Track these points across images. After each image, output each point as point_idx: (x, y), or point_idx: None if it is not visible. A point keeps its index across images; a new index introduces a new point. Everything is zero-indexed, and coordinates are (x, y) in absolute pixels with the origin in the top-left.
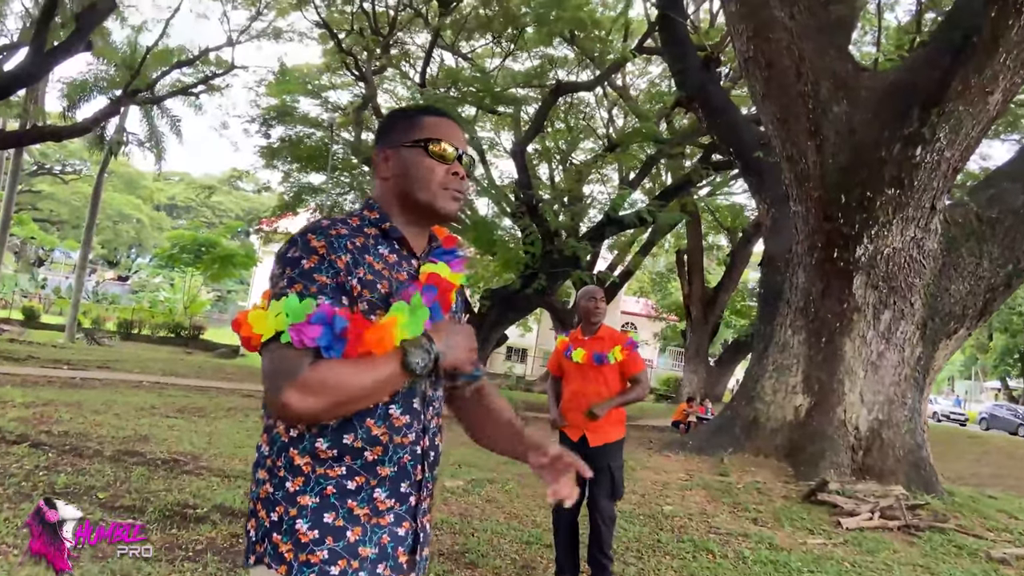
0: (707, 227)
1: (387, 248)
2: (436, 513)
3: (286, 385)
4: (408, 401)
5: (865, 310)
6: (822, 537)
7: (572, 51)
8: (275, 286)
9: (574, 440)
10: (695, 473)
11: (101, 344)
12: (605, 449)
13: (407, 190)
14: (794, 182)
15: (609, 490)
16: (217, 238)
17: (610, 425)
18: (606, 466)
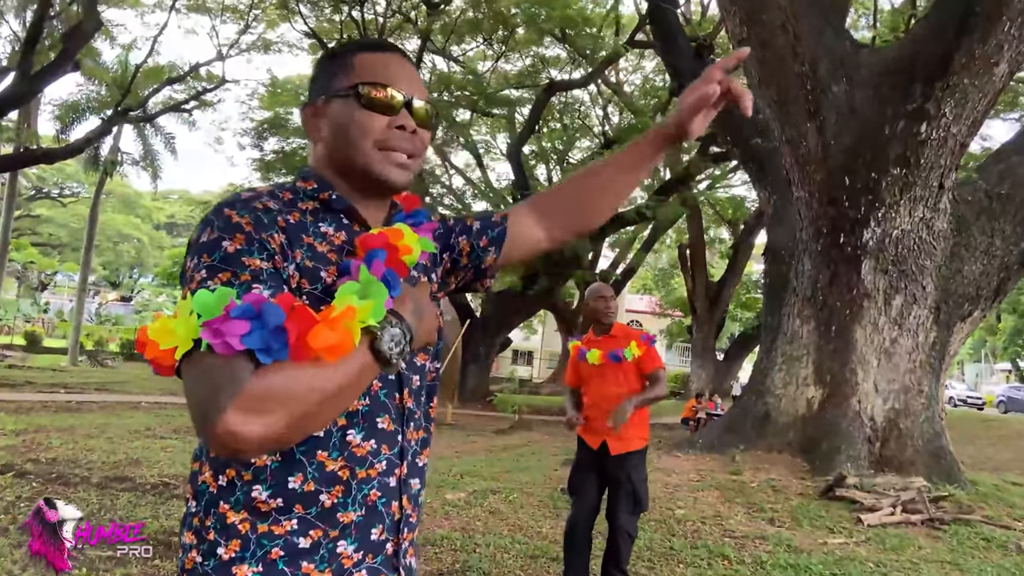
0: (708, 221)
1: (332, 225)
2: (436, 529)
3: (221, 406)
4: (372, 420)
5: (875, 296)
6: (843, 536)
7: (564, 50)
8: (190, 283)
9: (594, 447)
10: (707, 473)
11: (104, 366)
12: (627, 458)
13: (341, 154)
14: (795, 167)
15: (631, 504)
16: None
17: (633, 431)
18: (627, 477)
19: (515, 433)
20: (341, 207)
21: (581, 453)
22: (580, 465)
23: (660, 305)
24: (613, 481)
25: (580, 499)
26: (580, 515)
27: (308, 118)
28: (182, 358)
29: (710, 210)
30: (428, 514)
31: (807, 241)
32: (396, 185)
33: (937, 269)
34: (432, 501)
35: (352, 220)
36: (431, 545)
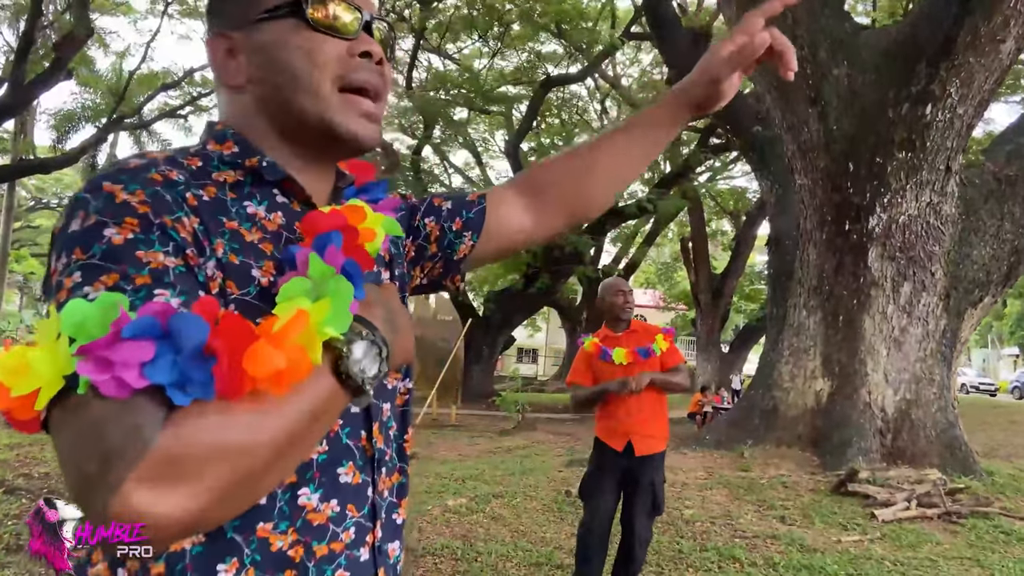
0: (709, 213)
1: (263, 203)
2: (437, 538)
3: (116, 478)
4: (332, 473)
5: (883, 284)
6: (857, 533)
7: (560, 45)
8: (58, 292)
9: (618, 450)
10: (715, 470)
11: None
12: (651, 460)
13: (279, 103)
14: (797, 154)
15: (650, 507)
16: None
17: (659, 432)
18: (649, 480)
19: (519, 434)
20: (275, 178)
21: (601, 457)
22: (599, 470)
23: (663, 299)
24: (633, 484)
25: (596, 506)
26: (596, 523)
27: (219, 56)
28: (50, 406)
29: (711, 202)
30: (428, 522)
31: (811, 230)
32: (364, 143)
33: (946, 255)
34: (433, 508)
35: (290, 196)
36: (430, 555)
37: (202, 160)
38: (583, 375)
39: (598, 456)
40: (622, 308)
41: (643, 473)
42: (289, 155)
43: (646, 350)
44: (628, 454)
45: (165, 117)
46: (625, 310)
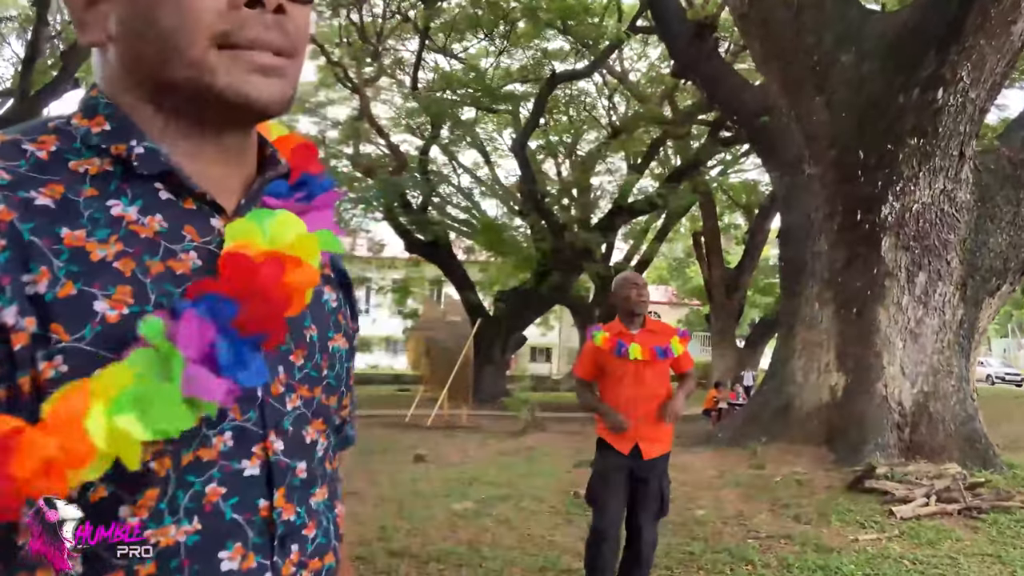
0: (722, 207)
1: (136, 203)
2: (441, 543)
3: None
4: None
5: (898, 274)
6: (874, 531)
7: (566, 41)
8: None
9: (625, 453)
10: (727, 469)
11: None
12: (658, 462)
13: (145, 62)
14: (806, 144)
15: (657, 510)
16: None
17: (666, 434)
18: (657, 483)
19: (528, 435)
20: (155, 171)
21: (607, 460)
22: (606, 473)
23: (676, 295)
24: (641, 487)
25: (606, 511)
26: (606, 529)
27: (78, 4)
28: None
29: (723, 196)
30: (433, 527)
31: (822, 221)
32: (261, 105)
33: (961, 243)
34: (438, 513)
35: (179, 192)
36: (434, 561)
37: (60, 142)
38: (587, 369)
39: (603, 459)
40: (636, 303)
41: (651, 476)
42: (176, 134)
43: (664, 349)
44: (635, 457)
45: None
46: (639, 305)
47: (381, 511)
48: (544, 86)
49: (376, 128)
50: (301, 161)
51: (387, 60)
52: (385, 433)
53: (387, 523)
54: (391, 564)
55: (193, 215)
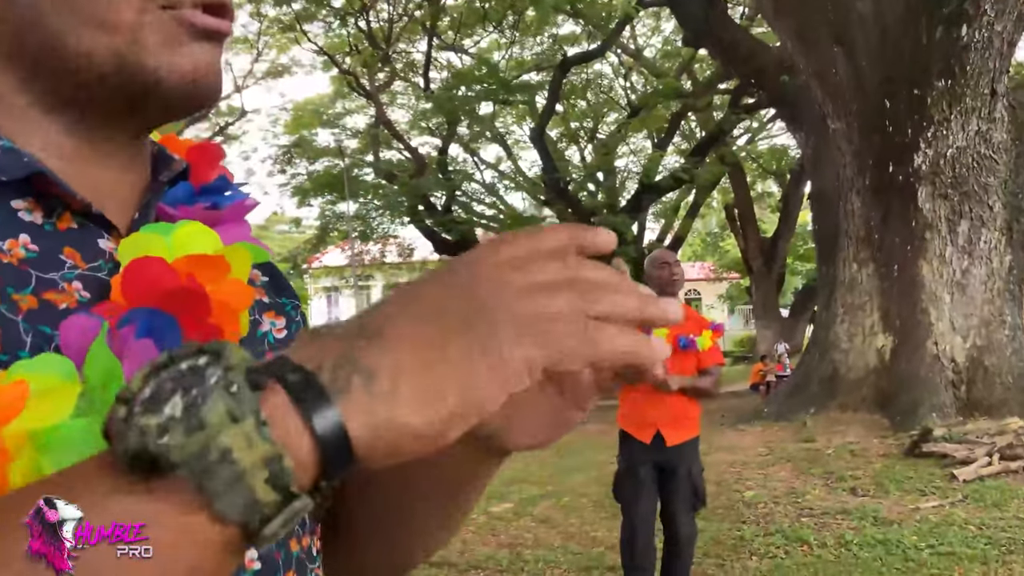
0: (753, 176)
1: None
2: (482, 548)
3: None
4: None
5: (938, 225)
6: (936, 497)
7: (578, 24)
8: None
9: (646, 442)
10: (776, 444)
11: None
12: (684, 449)
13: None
14: (828, 99)
15: (691, 500)
16: None
17: (690, 417)
18: (687, 471)
19: None
20: (15, 175)
21: (630, 452)
22: (631, 467)
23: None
24: (670, 477)
25: (637, 508)
26: (638, 526)
27: None
28: None
29: (753, 164)
30: (473, 531)
31: (852, 178)
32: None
33: (1002, 185)
34: (477, 516)
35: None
36: (474, 568)
37: None
38: None
39: (626, 451)
40: (669, 281)
41: (679, 464)
42: (52, 130)
43: (687, 340)
44: (658, 445)
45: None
46: (673, 283)
47: None
48: (557, 71)
49: (393, 133)
50: (202, 165)
51: (399, 64)
52: None
53: None
54: (430, 574)
55: (73, 235)
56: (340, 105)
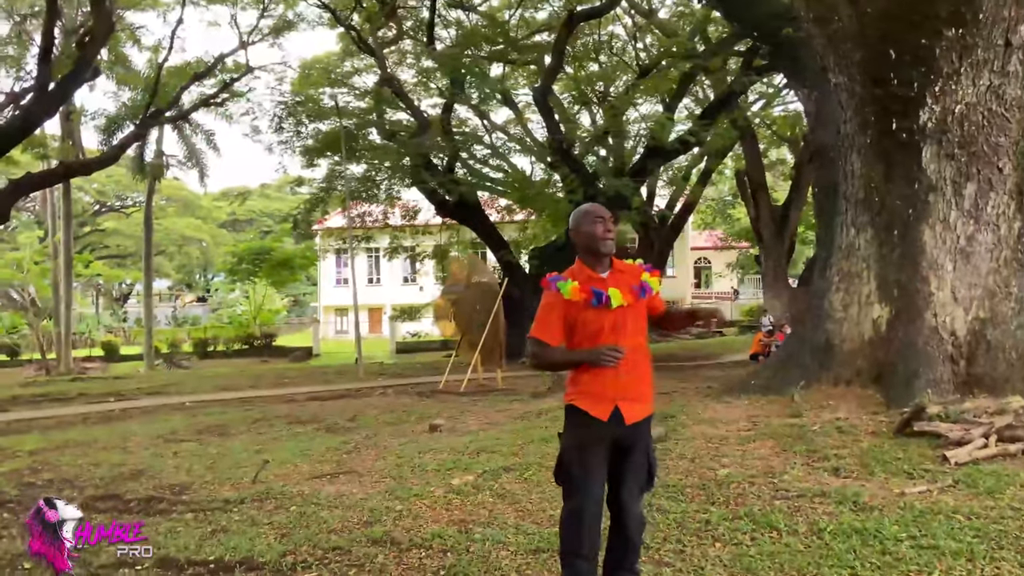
0: (767, 142)
1: None
2: (432, 526)
3: None
4: None
5: (942, 187)
6: (924, 481)
7: None
8: None
9: (603, 419)
10: (761, 419)
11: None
12: (643, 426)
13: None
14: (829, 48)
15: (644, 483)
16: (272, 244)
17: (649, 392)
18: (644, 449)
19: (552, 395)
20: None
21: (582, 430)
22: (583, 445)
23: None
24: (624, 457)
25: (587, 491)
26: (586, 510)
27: None
28: None
29: (767, 131)
30: (427, 507)
31: (853, 134)
32: None
33: (1014, 145)
34: (436, 489)
35: None
36: (416, 547)
37: None
38: (556, 331)
39: (577, 430)
40: (602, 239)
41: (636, 443)
42: None
43: (644, 287)
44: (616, 422)
45: (201, 106)
46: (605, 242)
47: (375, 492)
48: (563, 27)
49: (396, 91)
50: None
51: (409, 23)
52: (412, 402)
53: (377, 505)
54: (368, 553)
55: None
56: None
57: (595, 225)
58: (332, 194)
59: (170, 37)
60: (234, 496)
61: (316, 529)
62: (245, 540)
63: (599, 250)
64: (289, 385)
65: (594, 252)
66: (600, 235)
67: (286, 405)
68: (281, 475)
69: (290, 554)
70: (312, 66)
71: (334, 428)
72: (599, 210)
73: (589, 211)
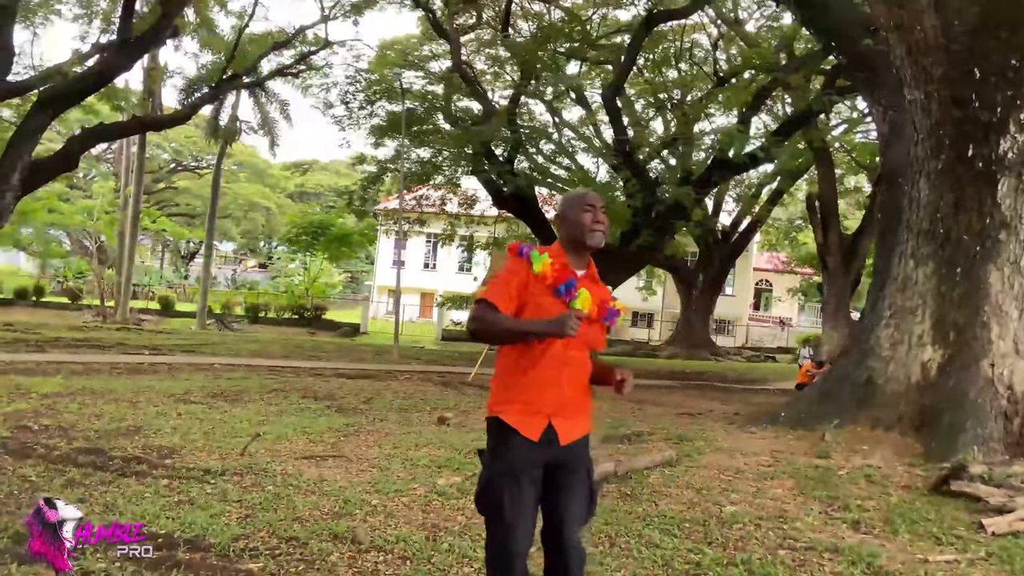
0: (845, 168)
1: None
2: (401, 528)
3: None
4: None
5: (1016, 225)
6: (953, 549)
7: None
8: None
9: (534, 438)
10: (784, 455)
11: (231, 329)
12: (581, 446)
13: None
14: (907, 59)
15: (585, 509)
16: (332, 219)
17: (588, 408)
18: (584, 472)
19: None
20: None
21: (511, 452)
22: (513, 471)
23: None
24: (560, 482)
25: (517, 524)
26: (518, 548)
27: None
28: None
29: (846, 157)
30: (404, 506)
31: (924, 158)
32: None
33: None
34: (419, 487)
35: None
36: (376, 550)
37: None
38: (507, 298)
39: (506, 451)
40: (590, 231)
41: (574, 466)
42: None
43: (614, 312)
44: (549, 442)
45: (277, 75)
46: (594, 234)
47: (357, 481)
48: (640, 26)
49: (464, 78)
50: None
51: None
52: (432, 391)
53: (353, 496)
54: (324, 549)
55: None
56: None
57: (583, 213)
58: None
59: (252, 4)
60: (217, 467)
61: (282, 514)
62: (205, 517)
63: (584, 241)
64: (323, 359)
65: (578, 243)
66: (588, 224)
67: (310, 379)
68: (272, 450)
69: (244, 539)
70: (391, 47)
71: (344, 408)
72: (590, 197)
73: (578, 197)
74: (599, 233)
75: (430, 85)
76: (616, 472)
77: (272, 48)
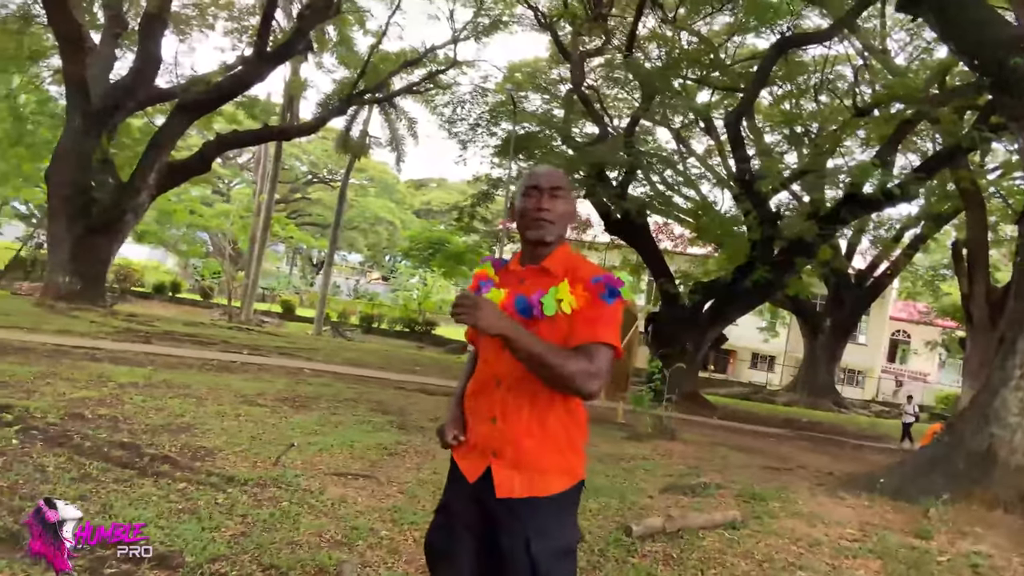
0: (999, 216)
1: None
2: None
3: None
4: None
5: None
6: None
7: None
8: None
9: (470, 480)
10: (875, 529)
11: (344, 337)
12: (521, 508)
13: None
14: None
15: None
16: (448, 235)
17: (548, 456)
18: (523, 547)
19: (650, 441)
20: None
21: (449, 486)
22: (447, 511)
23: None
24: (490, 550)
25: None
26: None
27: None
28: None
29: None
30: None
31: None
32: None
33: None
34: None
35: None
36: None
37: None
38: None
39: (448, 487)
40: (531, 218)
41: (506, 532)
42: None
43: (526, 304)
44: (482, 489)
45: (404, 92)
46: (535, 222)
47: (378, 505)
48: (771, 50)
49: (582, 99)
50: None
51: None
52: None
53: (364, 524)
54: None
55: None
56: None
57: (525, 200)
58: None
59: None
60: (244, 475)
61: (280, 536)
62: (197, 530)
63: (522, 234)
64: (416, 373)
65: (520, 235)
66: (530, 212)
67: (391, 391)
68: (308, 462)
69: (222, 560)
70: (519, 68)
71: (406, 425)
72: (535, 177)
73: (526, 175)
74: (544, 222)
75: (555, 108)
76: (664, 529)
77: (403, 65)
